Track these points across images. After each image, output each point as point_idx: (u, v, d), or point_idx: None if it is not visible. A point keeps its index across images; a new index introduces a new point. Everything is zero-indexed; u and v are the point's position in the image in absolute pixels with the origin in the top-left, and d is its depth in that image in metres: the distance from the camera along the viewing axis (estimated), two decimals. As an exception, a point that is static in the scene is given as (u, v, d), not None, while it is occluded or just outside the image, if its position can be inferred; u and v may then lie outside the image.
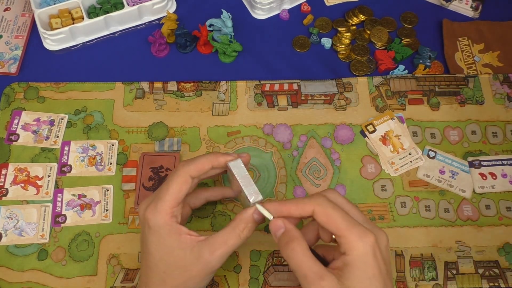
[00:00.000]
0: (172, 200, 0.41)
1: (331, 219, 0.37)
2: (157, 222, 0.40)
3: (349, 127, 0.57)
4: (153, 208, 0.41)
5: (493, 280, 0.50)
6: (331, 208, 0.37)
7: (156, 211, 0.40)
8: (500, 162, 0.56)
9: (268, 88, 0.60)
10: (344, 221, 0.37)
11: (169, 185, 0.41)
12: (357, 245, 0.36)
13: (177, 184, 0.41)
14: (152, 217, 0.40)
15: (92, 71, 0.61)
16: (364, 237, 0.36)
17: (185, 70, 0.62)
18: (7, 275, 0.49)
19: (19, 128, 0.56)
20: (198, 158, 0.43)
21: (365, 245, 0.35)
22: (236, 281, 0.49)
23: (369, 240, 0.36)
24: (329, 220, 0.37)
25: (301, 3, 0.68)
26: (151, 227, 0.41)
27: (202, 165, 0.43)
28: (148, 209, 0.41)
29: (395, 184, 0.54)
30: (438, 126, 0.58)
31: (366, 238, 0.36)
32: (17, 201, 0.53)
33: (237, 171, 0.43)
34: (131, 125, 0.57)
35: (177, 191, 0.41)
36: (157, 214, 0.40)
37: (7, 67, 0.61)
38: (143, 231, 0.42)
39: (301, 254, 0.37)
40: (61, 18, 0.62)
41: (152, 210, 0.41)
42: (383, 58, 0.62)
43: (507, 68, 0.62)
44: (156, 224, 0.40)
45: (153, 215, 0.40)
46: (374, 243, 0.36)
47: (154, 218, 0.40)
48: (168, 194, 0.41)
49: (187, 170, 0.42)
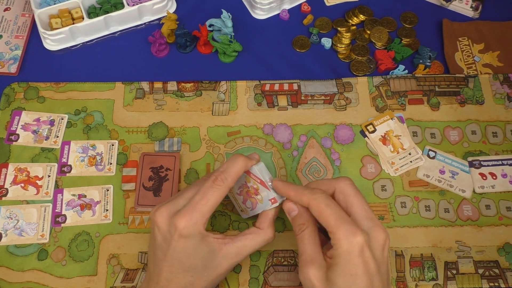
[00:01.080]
0: (209, 212, 0.41)
1: (323, 215, 0.39)
2: (193, 233, 0.40)
3: (349, 127, 0.57)
4: (188, 219, 0.40)
5: (493, 280, 0.50)
6: (324, 204, 0.39)
7: (192, 222, 0.40)
8: (500, 162, 0.56)
9: (268, 88, 0.60)
10: (334, 218, 0.38)
11: (208, 198, 0.41)
12: (342, 243, 0.37)
13: (216, 198, 0.41)
14: (187, 228, 0.40)
15: (92, 71, 0.61)
16: (350, 236, 0.37)
17: (185, 70, 0.62)
18: (7, 275, 0.49)
19: (19, 128, 0.56)
20: (232, 167, 0.43)
21: (350, 244, 0.37)
22: (236, 281, 0.49)
23: (355, 240, 0.37)
24: (321, 215, 0.39)
25: (301, 3, 0.68)
26: (184, 237, 0.40)
27: (238, 174, 0.43)
28: (183, 220, 0.40)
29: (395, 184, 0.54)
30: (438, 126, 0.58)
31: (353, 237, 0.37)
32: (17, 201, 0.53)
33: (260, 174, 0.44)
34: (131, 125, 0.57)
35: (215, 203, 0.41)
36: (194, 226, 0.40)
37: (7, 67, 0.61)
38: (169, 240, 0.41)
39: (306, 237, 0.41)
40: (61, 18, 0.62)
41: (188, 221, 0.40)
42: (383, 58, 0.62)
43: (507, 68, 0.62)
44: (190, 234, 0.40)
45: (189, 227, 0.40)
46: (362, 243, 0.37)
47: (191, 229, 0.40)
48: (208, 206, 0.41)
49: (227, 184, 0.42)
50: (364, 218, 0.39)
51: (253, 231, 0.44)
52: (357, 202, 0.40)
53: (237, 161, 0.43)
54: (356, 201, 0.40)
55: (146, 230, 0.52)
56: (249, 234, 0.43)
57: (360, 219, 0.39)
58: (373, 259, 0.38)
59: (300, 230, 0.41)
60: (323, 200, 0.40)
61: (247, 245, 0.43)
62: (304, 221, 0.41)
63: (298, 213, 0.42)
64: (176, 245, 0.40)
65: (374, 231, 0.39)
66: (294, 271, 0.49)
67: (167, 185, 0.53)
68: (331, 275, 0.38)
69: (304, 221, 0.41)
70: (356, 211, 0.40)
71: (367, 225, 0.39)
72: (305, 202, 0.41)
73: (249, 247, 0.43)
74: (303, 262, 0.40)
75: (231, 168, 0.42)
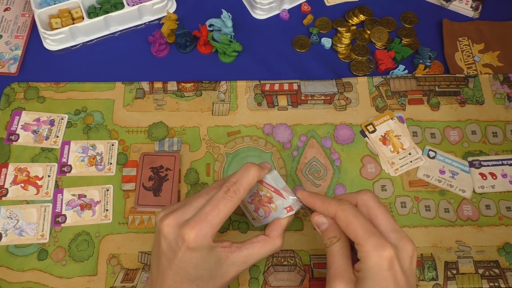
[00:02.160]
0: (219, 225, 0.39)
1: (350, 227, 0.38)
2: (201, 245, 0.39)
3: (349, 127, 0.57)
4: (198, 230, 0.38)
5: (493, 280, 0.50)
6: (352, 215, 0.38)
7: (202, 234, 0.38)
8: (500, 162, 0.56)
9: (268, 88, 0.60)
10: (362, 230, 0.37)
11: (220, 209, 0.39)
12: (371, 255, 0.36)
13: (228, 210, 0.40)
14: (196, 240, 0.38)
15: (92, 71, 0.61)
16: (379, 249, 0.36)
17: (185, 70, 0.62)
18: (7, 275, 0.49)
19: (19, 128, 0.56)
20: (244, 177, 0.41)
21: (380, 257, 0.36)
22: (236, 281, 0.49)
23: (385, 253, 0.36)
24: (348, 227, 0.38)
25: (301, 3, 0.68)
26: (192, 249, 0.38)
27: (251, 185, 0.41)
28: (192, 232, 0.38)
29: (395, 184, 0.54)
30: (438, 126, 0.58)
31: (382, 250, 0.36)
32: (17, 201, 0.53)
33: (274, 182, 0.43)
34: (131, 125, 0.57)
35: (226, 215, 0.40)
36: (203, 238, 0.39)
37: (7, 67, 0.61)
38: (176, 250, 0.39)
39: (337, 250, 0.39)
40: (61, 18, 0.62)
41: (197, 233, 0.38)
42: (383, 58, 0.62)
43: (507, 68, 0.62)
44: (199, 247, 0.39)
45: (199, 239, 0.38)
46: (392, 256, 0.36)
47: (200, 241, 0.38)
48: (219, 218, 0.39)
49: (239, 195, 0.40)
50: (390, 231, 0.38)
51: (261, 240, 0.42)
52: (381, 215, 0.39)
53: (250, 171, 0.41)
54: (380, 214, 0.39)
55: (146, 230, 0.52)
56: (257, 242, 0.42)
57: (386, 231, 0.38)
58: (403, 272, 0.37)
59: (331, 243, 0.40)
60: (351, 211, 0.38)
61: (254, 253, 0.42)
62: (336, 234, 0.40)
63: (328, 225, 0.41)
64: (183, 256, 0.39)
65: (402, 243, 0.38)
66: (294, 271, 0.49)
67: (167, 185, 0.53)
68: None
69: (336, 233, 0.40)
70: (381, 223, 0.39)
71: (394, 237, 0.38)
72: (332, 213, 0.40)
73: (256, 255, 0.42)
74: (332, 276, 0.38)
75: (243, 178, 0.41)
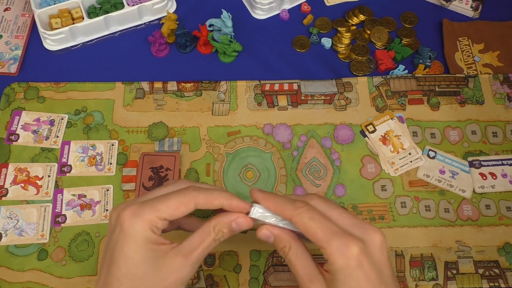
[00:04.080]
0: (163, 213, 0.35)
1: (309, 231, 0.35)
2: (136, 228, 0.34)
3: (349, 127, 0.57)
4: (136, 211, 0.35)
5: (493, 280, 0.50)
6: (308, 218, 0.36)
7: (139, 216, 0.35)
8: (500, 162, 0.56)
9: (268, 88, 0.60)
10: (321, 232, 0.35)
11: (169, 198, 0.36)
12: (336, 258, 0.34)
13: (177, 203, 0.36)
14: (131, 220, 0.35)
15: (92, 71, 0.61)
16: (343, 249, 0.34)
17: (185, 70, 0.62)
18: (7, 275, 0.49)
19: (19, 128, 0.56)
20: (212, 190, 0.38)
21: (345, 257, 0.34)
22: (236, 281, 0.49)
23: (349, 252, 0.34)
24: (308, 231, 0.36)
25: (301, 3, 0.68)
26: (126, 232, 0.34)
27: (214, 199, 0.37)
28: (128, 211, 0.35)
29: (395, 184, 0.54)
30: (438, 126, 0.58)
31: (346, 249, 0.34)
32: (17, 201, 0.53)
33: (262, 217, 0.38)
34: (131, 125, 0.57)
35: (173, 209, 0.36)
36: (138, 219, 0.35)
37: (7, 67, 0.61)
38: (112, 237, 0.35)
39: (294, 258, 0.37)
40: (61, 18, 0.62)
41: (134, 213, 0.35)
42: (383, 58, 0.62)
43: (507, 68, 0.62)
44: (133, 229, 0.34)
45: (134, 219, 0.34)
46: (358, 253, 0.34)
47: (134, 222, 0.34)
48: (163, 204, 0.36)
49: (195, 196, 0.37)
50: (351, 227, 0.36)
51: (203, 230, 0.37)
52: (336, 215, 0.37)
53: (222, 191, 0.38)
54: (335, 214, 0.37)
55: (146, 230, 0.52)
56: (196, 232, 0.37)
57: (347, 229, 0.36)
58: (373, 266, 0.34)
59: (285, 253, 0.37)
60: (307, 214, 0.36)
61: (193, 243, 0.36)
62: (285, 243, 0.37)
63: (274, 237, 0.38)
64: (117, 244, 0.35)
65: (367, 235, 0.35)
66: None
67: (167, 185, 0.53)
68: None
69: (285, 243, 0.37)
70: (340, 223, 0.36)
71: (358, 232, 0.35)
72: (288, 218, 0.37)
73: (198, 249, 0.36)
74: (303, 282, 0.36)
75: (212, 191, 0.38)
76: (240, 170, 0.55)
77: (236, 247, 0.51)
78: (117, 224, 0.35)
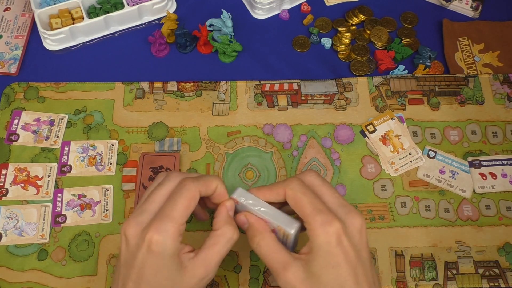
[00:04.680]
0: (180, 218, 0.36)
1: (299, 204, 0.37)
2: (165, 244, 0.35)
3: (349, 127, 0.57)
4: (159, 228, 0.35)
5: (493, 280, 0.50)
6: (300, 193, 0.38)
7: (165, 232, 0.35)
8: (500, 162, 0.56)
9: (268, 88, 0.60)
10: (310, 207, 0.37)
11: (177, 201, 0.37)
12: (318, 233, 0.36)
13: (185, 199, 0.37)
14: (159, 238, 0.35)
15: (92, 71, 0.61)
16: (327, 225, 0.35)
17: (185, 70, 0.62)
18: (7, 275, 0.49)
19: (19, 128, 0.56)
20: (204, 176, 0.40)
21: (327, 233, 0.35)
22: (236, 281, 0.49)
23: (332, 229, 0.35)
24: (297, 204, 0.38)
25: (301, 3, 0.68)
26: (154, 251, 0.35)
27: (211, 183, 0.39)
28: (153, 230, 0.35)
29: (395, 184, 0.54)
30: (438, 126, 0.58)
31: (329, 226, 0.35)
32: (17, 201, 0.53)
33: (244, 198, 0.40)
34: (131, 125, 0.57)
35: (185, 206, 0.37)
36: (166, 235, 0.35)
37: (7, 67, 0.61)
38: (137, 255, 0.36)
39: (265, 248, 0.38)
40: (61, 18, 0.62)
41: (158, 230, 0.35)
42: (383, 58, 0.62)
43: (507, 68, 0.62)
44: (163, 246, 0.35)
45: (162, 237, 0.35)
46: (339, 231, 0.35)
47: (163, 240, 0.35)
48: (176, 210, 0.36)
49: (196, 187, 0.38)
50: (337, 206, 0.38)
51: (211, 237, 0.39)
52: (326, 191, 0.39)
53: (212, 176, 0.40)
54: (326, 191, 0.39)
55: (146, 230, 0.52)
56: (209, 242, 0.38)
57: (333, 207, 0.38)
58: (352, 247, 0.36)
59: (255, 240, 0.38)
60: (300, 189, 0.38)
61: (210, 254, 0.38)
62: (256, 232, 0.39)
63: (249, 224, 0.40)
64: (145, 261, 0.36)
65: (349, 217, 0.37)
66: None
67: (167, 185, 0.53)
68: (313, 269, 0.36)
69: (256, 231, 0.39)
70: (328, 200, 0.38)
71: (342, 212, 0.37)
72: (282, 194, 0.39)
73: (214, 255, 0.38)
74: (277, 272, 0.37)
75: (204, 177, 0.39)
76: (240, 170, 0.55)
77: (236, 247, 0.51)
78: (142, 244, 0.36)
